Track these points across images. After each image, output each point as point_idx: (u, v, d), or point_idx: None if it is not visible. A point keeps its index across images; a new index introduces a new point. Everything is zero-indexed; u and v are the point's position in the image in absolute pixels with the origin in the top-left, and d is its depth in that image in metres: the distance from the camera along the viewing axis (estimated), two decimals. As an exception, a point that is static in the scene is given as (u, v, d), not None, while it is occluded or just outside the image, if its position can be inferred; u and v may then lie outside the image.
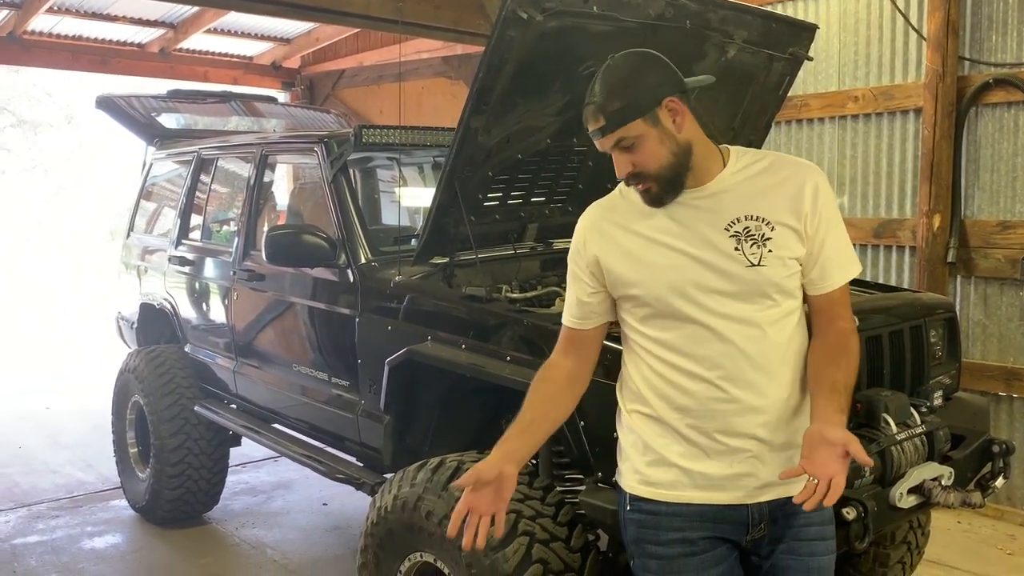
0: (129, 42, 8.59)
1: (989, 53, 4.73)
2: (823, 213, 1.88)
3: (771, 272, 1.84)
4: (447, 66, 8.28)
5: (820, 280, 1.91)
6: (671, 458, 1.90)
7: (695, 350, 1.86)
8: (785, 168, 1.92)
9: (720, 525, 1.90)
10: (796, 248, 1.87)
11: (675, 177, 1.86)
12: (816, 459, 1.68)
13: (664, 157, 1.84)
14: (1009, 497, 4.73)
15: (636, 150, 1.83)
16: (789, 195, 1.87)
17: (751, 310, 1.85)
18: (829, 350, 1.89)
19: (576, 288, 2.01)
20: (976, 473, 2.67)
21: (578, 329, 2.03)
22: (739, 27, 3.19)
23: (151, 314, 5.20)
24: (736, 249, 1.84)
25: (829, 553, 1.95)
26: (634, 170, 1.84)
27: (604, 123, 1.83)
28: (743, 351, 1.84)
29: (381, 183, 4.79)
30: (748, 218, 1.86)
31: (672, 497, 1.90)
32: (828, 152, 5.40)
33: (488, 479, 1.89)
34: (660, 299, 1.87)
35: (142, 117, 5.54)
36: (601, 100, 1.83)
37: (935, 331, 3.04)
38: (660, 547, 1.92)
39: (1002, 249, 4.69)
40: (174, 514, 4.69)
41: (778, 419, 1.87)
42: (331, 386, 3.59)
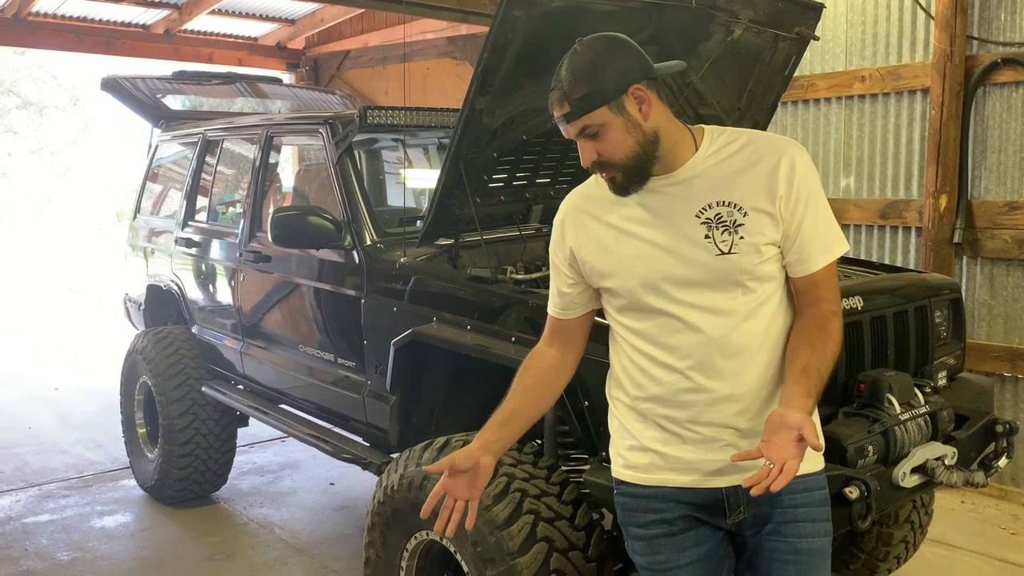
0: (134, 23, 8.56)
1: (998, 32, 4.69)
2: (799, 193, 1.81)
3: (742, 260, 1.80)
4: (452, 46, 8.25)
5: (799, 263, 1.84)
6: (647, 443, 1.90)
7: (666, 340, 1.85)
8: (760, 148, 1.85)
9: (696, 507, 1.90)
10: (770, 233, 1.81)
11: (640, 167, 1.81)
12: (773, 442, 1.64)
13: (629, 147, 1.78)
14: (1013, 477, 4.74)
15: (601, 138, 1.78)
16: (763, 177, 1.81)
17: (722, 299, 1.82)
18: (806, 333, 1.84)
19: (556, 279, 2.01)
20: (980, 453, 2.68)
21: (561, 319, 2.03)
22: (745, 6, 3.17)
23: (158, 295, 5.23)
24: (706, 237, 1.80)
25: (821, 535, 1.89)
26: (599, 159, 1.80)
27: (569, 110, 1.78)
28: (714, 341, 1.82)
29: (386, 164, 4.80)
30: (720, 204, 1.81)
31: (648, 480, 1.91)
32: (834, 132, 5.38)
33: (463, 468, 1.91)
34: (631, 291, 1.87)
35: (147, 99, 5.53)
36: (566, 86, 1.78)
37: (940, 312, 3.04)
38: (641, 528, 1.94)
39: (1009, 230, 4.68)
40: (183, 493, 4.73)
41: (754, 407, 1.84)
42: (337, 367, 3.61)
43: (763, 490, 1.60)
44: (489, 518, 2.44)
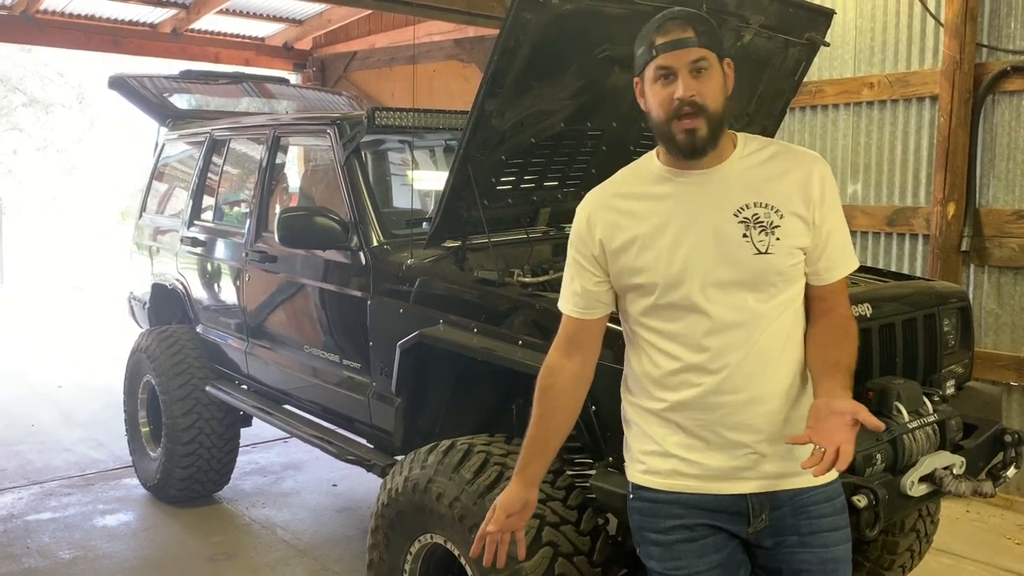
0: (141, 22, 8.58)
1: (1008, 40, 4.68)
2: (830, 204, 1.87)
3: (777, 261, 1.82)
4: (459, 49, 8.25)
5: (826, 271, 1.88)
6: (670, 448, 1.89)
7: (700, 341, 1.83)
8: (792, 158, 1.90)
9: (718, 515, 1.88)
10: (803, 238, 1.84)
11: (719, 128, 1.82)
12: (822, 428, 1.66)
13: (720, 102, 1.81)
14: (1019, 487, 4.72)
15: (704, 79, 1.79)
16: (798, 184, 1.85)
17: (755, 300, 1.82)
18: (832, 333, 1.87)
19: (580, 277, 1.95)
20: (987, 462, 2.66)
21: (582, 319, 1.97)
22: (756, 11, 3.17)
23: (163, 294, 5.22)
24: (744, 236, 1.81)
25: (844, 543, 1.91)
26: (699, 98, 1.78)
27: (692, 35, 1.78)
28: (747, 342, 1.82)
29: (393, 166, 4.79)
30: (757, 205, 1.83)
31: (670, 486, 1.89)
32: (842, 139, 5.37)
33: (515, 511, 2.00)
34: (666, 288, 1.83)
35: (154, 97, 5.54)
36: (691, 16, 1.82)
37: (948, 320, 3.03)
38: (659, 534, 1.91)
39: (1017, 238, 4.66)
40: (185, 493, 4.72)
41: (779, 409, 1.85)
42: (342, 368, 3.60)
43: (823, 471, 1.62)
44: (494, 522, 2.43)
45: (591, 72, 3.04)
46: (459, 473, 2.54)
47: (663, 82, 1.80)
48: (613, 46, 2.98)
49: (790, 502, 1.87)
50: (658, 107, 1.81)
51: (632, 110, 3.33)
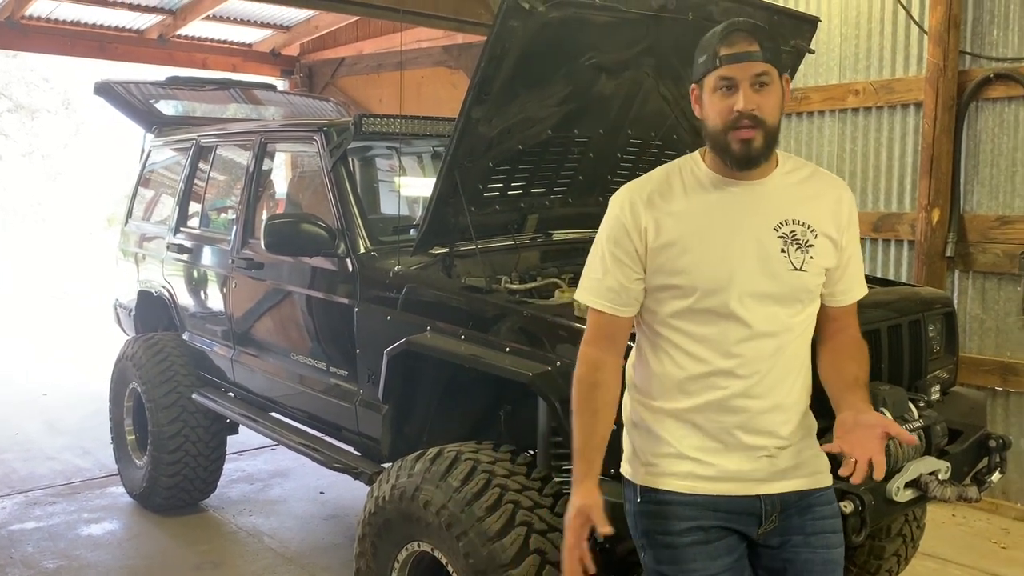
0: (127, 28, 8.55)
1: (990, 48, 4.72)
2: (853, 229, 1.97)
3: (808, 279, 1.88)
4: (447, 55, 8.26)
5: (844, 293, 1.97)
6: (686, 451, 1.89)
7: (731, 348, 1.85)
8: (825, 180, 1.98)
9: (732, 516, 1.91)
10: (831, 259, 1.91)
11: (774, 141, 1.86)
12: (852, 440, 1.74)
13: (777, 116, 1.84)
14: (1004, 491, 4.75)
15: (765, 94, 1.81)
16: (830, 206, 1.92)
17: (786, 313, 1.88)
18: (847, 351, 1.97)
19: (620, 272, 1.90)
20: (972, 467, 2.68)
21: (616, 316, 1.93)
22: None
23: (149, 301, 5.20)
24: (782, 251, 1.86)
25: (841, 546, 1.99)
26: (758, 112, 1.79)
27: (759, 49, 1.80)
28: (776, 352, 1.87)
29: (381, 172, 4.78)
30: (795, 222, 1.88)
31: (685, 488, 1.90)
32: (828, 145, 5.40)
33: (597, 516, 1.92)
34: (707, 292, 1.84)
35: (140, 104, 5.52)
36: (757, 30, 1.83)
37: (933, 326, 3.05)
38: (672, 537, 1.91)
39: (1001, 244, 4.70)
40: (171, 501, 4.69)
41: (794, 417, 1.92)
42: (329, 375, 3.59)
43: (862, 478, 1.71)
44: (481, 530, 2.43)
45: (578, 79, 3.05)
46: (446, 481, 2.54)
47: (724, 92, 1.81)
48: (600, 53, 3.00)
49: (797, 503, 1.93)
50: (716, 116, 1.83)
51: (618, 118, 3.37)
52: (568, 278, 3.13)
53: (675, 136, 3.63)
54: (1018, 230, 4.62)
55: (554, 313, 2.67)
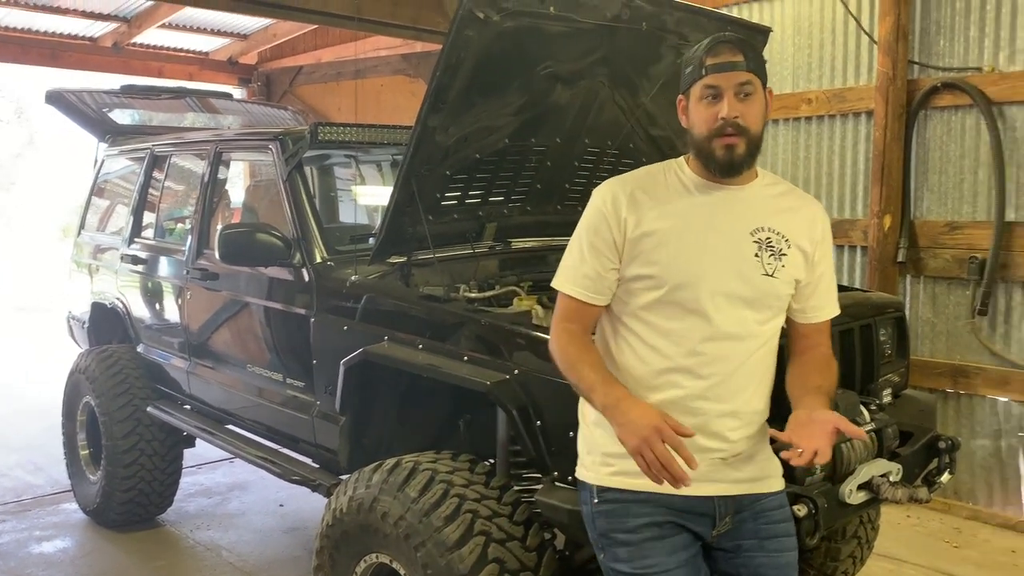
0: (81, 36, 8.42)
1: (937, 58, 4.83)
2: (827, 247, 2.02)
3: (779, 286, 1.92)
4: (406, 64, 8.25)
5: (815, 310, 2.02)
6: None
7: (695, 345, 1.89)
8: (801, 197, 2.05)
9: (687, 515, 1.94)
10: (801, 271, 1.96)
11: (757, 149, 1.91)
12: (802, 432, 1.76)
13: (760, 125, 1.89)
14: (956, 491, 4.84)
15: (748, 103, 1.86)
16: (806, 222, 1.98)
17: (755, 320, 1.91)
18: (815, 364, 2.01)
19: (596, 261, 1.93)
20: (923, 469, 2.73)
21: (589, 304, 1.96)
22: (694, 29, 3.22)
23: (103, 313, 5.11)
24: (756, 256, 1.91)
25: (794, 549, 2.03)
26: (742, 120, 1.85)
27: (743, 59, 1.85)
28: (738, 356, 1.90)
29: (339, 181, 4.76)
30: (771, 230, 1.93)
31: (640, 486, 1.91)
32: (782, 153, 5.48)
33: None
34: (679, 286, 1.88)
35: (94, 113, 5.43)
36: (742, 42, 1.89)
37: (885, 330, 3.10)
38: (629, 534, 1.93)
39: (950, 249, 4.80)
40: (126, 517, 4.61)
41: (751, 426, 1.94)
42: (286, 387, 3.55)
43: (802, 463, 1.73)
44: (440, 540, 2.41)
45: (534, 88, 3.06)
46: (404, 492, 2.52)
47: (709, 101, 1.87)
48: (556, 63, 3.01)
49: (751, 507, 1.97)
50: (701, 124, 1.89)
51: (575, 126, 3.39)
52: (527, 286, 3.14)
53: (632, 145, 3.66)
54: (966, 235, 4.73)
55: (512, 321, 2.67)
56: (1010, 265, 4.56)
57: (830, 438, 1.76)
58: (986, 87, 4.59)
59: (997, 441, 4.70)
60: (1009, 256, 4.56)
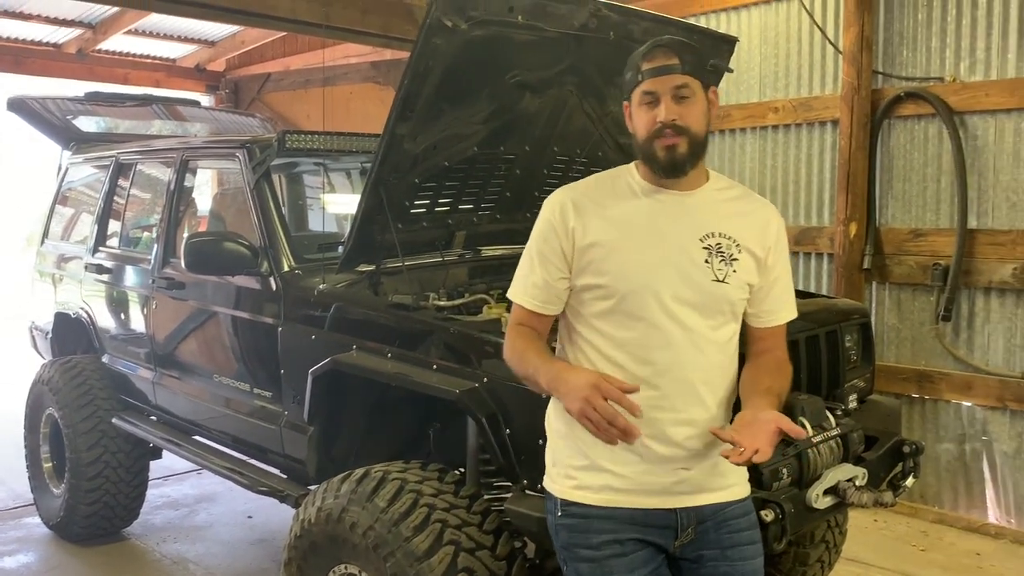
0: (45, 42, 8.30)
1: (900, 67, 4.91)
2: (781, 251, 2.00)
3: (731, 291, 1.91)
4: (376, 71, 8.23)
5: (769, 314, 2.01)
6: (602, 463, 1.92)
7: (647, 354, 1.88)
8: (754, 201, 2.04)
9: (649, 529, 1.93)
10: (754, 275, 1.95)
11: (700, 150, 1.91)
12: (745, 432, 1.75)
13: (703, 126, 1.89)
14: (922, 495, 4.91)
15: (687, 105, 1.87)
16: (758, 226, 1.97)
17: (707, 325, 1.90)
18: (767, 367, 1.99)
19: (544, 271, 1.95)
20: (888, 473, 2.76)
21: (539, 313, 1.98)
22: (662, 39, 3.24)
23: (66, 324, 5.03)
24: (706, 261, 1.90)
25: (759, 556, 2.01)
26: (680, 121, 1.85)
27: (678, 61, 1.85)
28: (692, 362, 1.89)
29: (308, 189, 4.73)
30: (721, 235, 1.92)
31: (602, 501, 1.92)
32: (750, 161, 5.54)
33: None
34: (629, 293, 1.88)
35: (57, 120, 5.36)
36: (678, 44, 1.89)
37: (850, 336, 3.14)
38: (591, 550, 1.93)
39: (914, 256, 4.87)
40: (91, 531, 4.53)
41: (703, 432, 1.92)
42: (254, 397, 3.52)
43: (738, 460, 1.72)
44: (409, 550, 2.40)
45: (503, 97, 3.07)
46: (373, 502, 2.50)
47: (648, 106, 1.89)
48: (524, 71, 3.02)
49: (713, 516, 1.95)
50: (642, 128, 1.90)
51: (544, 134, 3.40)
52: (497, 294, 3.14)
53: (600, 153, 3.68)
54: (930, 242, 4.80)
55: (481, 329, 2.66)
56: (973, 271, 4.64)
57: (771, 438, 1.74)
58: (948, 97, 4.67)
59: (961, 445, 4.77)
60: (972, 263, 4.63)
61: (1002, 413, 4.62)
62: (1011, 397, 4.54)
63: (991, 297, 4.64)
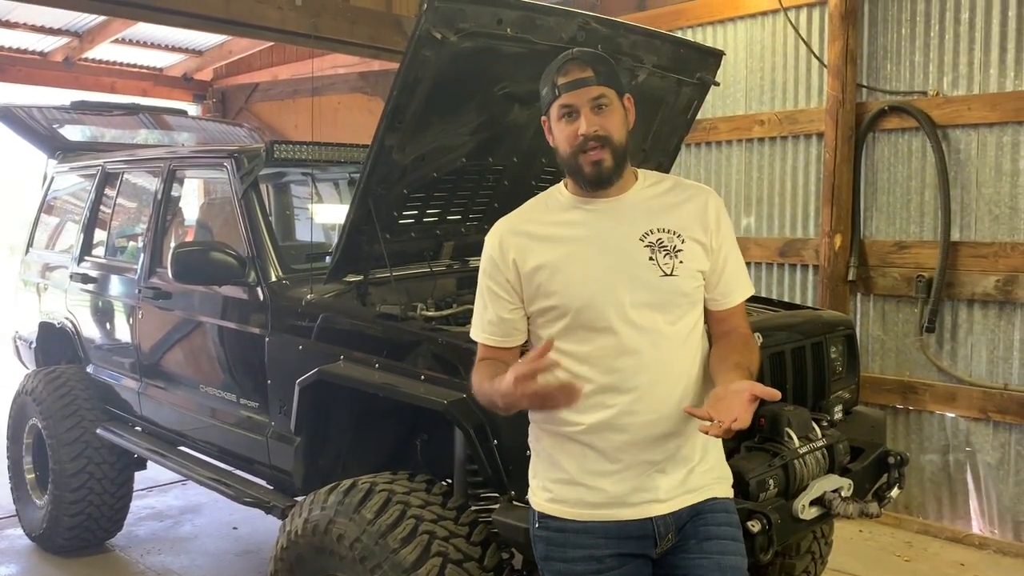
0: (31, 50, 8.26)
1: (885, 81, 4.96)
2: (725, 232, 2.00)
3: (682, 282, 1.92)
4: (364, 82, 8.24)
5: (723, 297, 2.01)
6: (576, 476, 1.92)
7: (610, 363, 1.89)
8: (687, 189, 2.03)
9: (626, 541, 1.92)
10: (702, 261, 1.96)
11: (623, 159, 1.93)
12: (720, 406, 1.72)
13: (623, 135, 1.92)
14: (907, 505, 4.93)
15: (606, 115, 1.89)
16: (696, 212, 1.97)
17: (663, 321, 1.90)
18: (732, 345, 1.98)
19: (495, 306, 2.00)
20: (873, 484, 2.78)
21: (500, 348, 2.01)
22: (649, 52, 3.27)
23: (51, 333, 5.00)
24: (650, 259, 1.91)
25: (742, 555, 1.99)
26: (601, 132, 1.88)
27: (592, 74, 1.88)
28: (654, 362, 1.89)
29: (295, 199, 4.72)
30: (661, 230, 1.94)
31: (577, 515, 1.93)
32: (735, 174, 5.57)
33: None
34: (580, 310, 1.89)
35: (43, 129, 5.33)
36: (590, 57, 1.92)
37: (835, 347, 3.16)
38: (566, 564, 1.94)
39: (898, 268, 4.91)
40: (74, 542, 4.49)
41: (678, 430, 1.91)
42: (240, 407, 3.50)
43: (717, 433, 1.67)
44: (396, 561, 2.39)
45: (491, 108, 3.08)
46: (360, 513, 2.50)
47: (567, 120, 1.91)
48: (512, 83, 3.03)
49: (691, 516, 1.95)
50: (564, 143, 1.92)
51: (532, 146, 3.40)
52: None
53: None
54: (914, 254, 4.84)
55: (469, 340, 2.66)
56: (956, 283, 4.68)
57: (747, 405, 1.71)
58: (931, 110, 4.72)
59: (945, 456, 4.81)
60: (955, 275, 4.68)
61: (985, 424, 4.66)
62: (994, 408, 4.58)
63: (974, 309, 4.68)
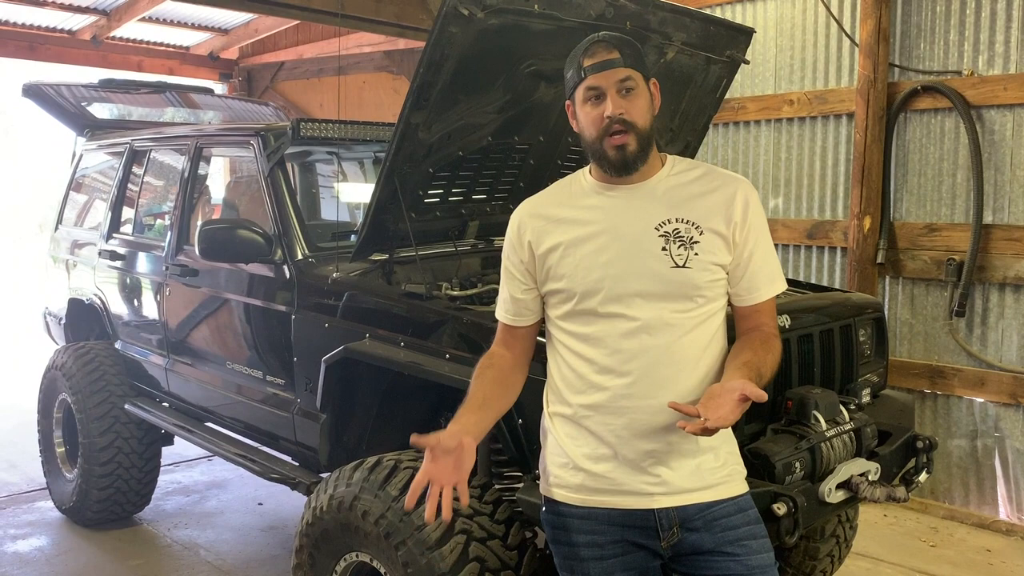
0: (59, 28, 8.31)
1: (918, 60, 4.87)
2: (752, 224, 1.93)
3: (694, 275, 1.88)
4: (389, 60, 8.22)
5: (748, 292, 1.96)
6: (579, 461, 1.92)
7: (612, 344, 1.88)
8: (717, 179, 1.98)
9: (629, 530, 1.91)
10: (722, 255, 1.91)
11: (648, 144, 1.91)
12: (710, 404, 1.69)
13: (648, 120, 1.90)
14: (932, 491, 4.89)
15: (631, 99, 1.87)
16: (721, 203, 1.92)
17: (671, 311, 1.87)
18: (749, 342, 1.93)
19: (510, 285, 2.04)
20: (901, 468, 2.75)
21: (514, 326, 2.06)
22: (678, 29, 3.23)
23: (80, 310, 5.06)
24: (663, 249, 1.88)
25: (767, 551, 1.94)
26: (626, 115, 1.86)
27: (619, 56, 1.86)
28: (659, 348, 1.87)
29: (321, 178, 4.73)
30: (678, 220, 1.90)
31: (578, 501, 1.93)
32: (764, 154, 5.51)
33: (449, 447, 1.78)
34: (584, 294, 1.90)
35: (72, 107, 5.37)
36: (617, 39, 1.89)
37: (864, 330, 3.12)
38: (571, 548, 1.95)
39: (928, 251, 4.84)
40: (103, 515, 4.56)
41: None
42: (266, 384, 3.53)
43: (693, 430, 1.66)
44: (420, 539, 2.40)
45: (518, 86, 3.06)
46: (385, 490, 2.51)
47: (593, 103, 1.88)
48: (539, 61, 3.01)
49: (701, 515, 1.90)
50: (589, 126, 1.89)
51: (558, 125, 3.38)
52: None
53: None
54: (945, 237, 4.77)
55: (494, 319, 2.66)
56: (987, 267, 4.61)
57: (735, 405, 1.68)
58: (965, 90, 4.63)
59: (973, 441, 4.75)
60: (986, 258, 4.60)
61: (1015, 410, 4.60)
62: (1024, 394, 4.52)
63: (1006, 293, 4.61)
